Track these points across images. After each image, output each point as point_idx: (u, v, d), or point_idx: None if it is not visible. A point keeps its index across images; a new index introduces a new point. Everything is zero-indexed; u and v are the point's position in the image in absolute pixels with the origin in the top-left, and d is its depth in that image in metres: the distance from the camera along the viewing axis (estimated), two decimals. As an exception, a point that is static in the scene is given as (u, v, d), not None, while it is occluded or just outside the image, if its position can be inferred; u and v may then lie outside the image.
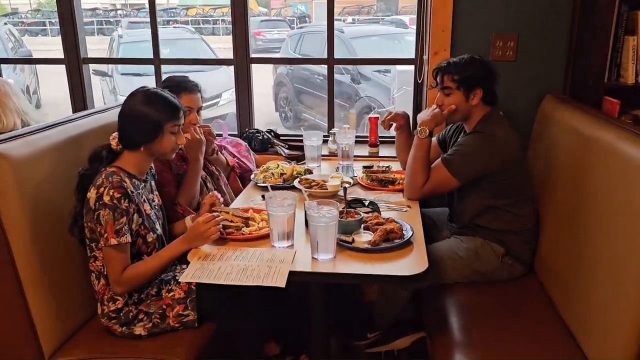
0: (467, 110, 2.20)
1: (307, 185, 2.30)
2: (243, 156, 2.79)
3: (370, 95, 6.37)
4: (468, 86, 2.16)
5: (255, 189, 2.40)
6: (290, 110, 7.81)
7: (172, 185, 2.22)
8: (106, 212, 1.66)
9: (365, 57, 6.35)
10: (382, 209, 2.10)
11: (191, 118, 2.25)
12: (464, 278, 2.20)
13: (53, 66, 3.38)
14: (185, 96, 2.24)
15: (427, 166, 2.16)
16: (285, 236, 1.77)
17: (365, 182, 2.39)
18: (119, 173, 1.74)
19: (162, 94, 1.80)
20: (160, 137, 1.77)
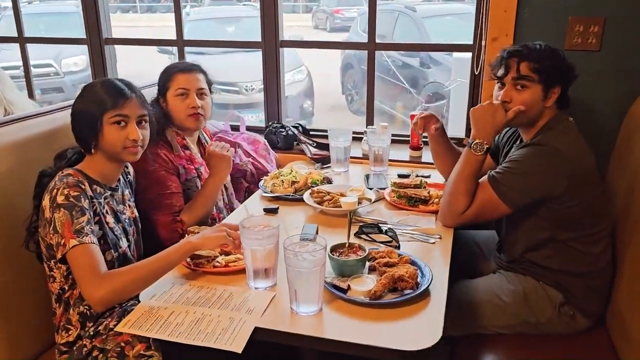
0: (538, 112, 1.69)
1: (319, 200, 1.90)
2: (260, 155, 2.42)
3: (439, 82, 5.79)
4: (549, 81, 1.65)
5: (262, 199, 2.03)
6: (356, 94, 7.40)
7: (174, 193, 1.88)
8: (61, 213, 1.41)
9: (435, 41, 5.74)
10: (404, 239, 1.66)
11: (188, 102, 1.92)
12: (508, 328, 1.72)
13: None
14: (180, 76, 1.95)
15: (474, 187, 1.68)
16: (263, 274, 1.39)
17: (391, 199, 1.95)
18: (77, 176, 1.50)
19: (98, 83, 1.57)
20: (102, 132, 1.52)
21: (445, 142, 2.04)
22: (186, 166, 1.94)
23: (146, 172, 1.85)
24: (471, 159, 1.70)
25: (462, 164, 1.72)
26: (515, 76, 1.67)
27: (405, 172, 2.27)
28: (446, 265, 1.52)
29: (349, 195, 1.91)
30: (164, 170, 1.86)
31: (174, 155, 1.92)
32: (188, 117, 1.94)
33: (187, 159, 1.96)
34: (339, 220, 1.82)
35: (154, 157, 1.86)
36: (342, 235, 1.61)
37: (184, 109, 1.93)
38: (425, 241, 1.66)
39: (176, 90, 1.94)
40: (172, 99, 1.94)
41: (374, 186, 2.08)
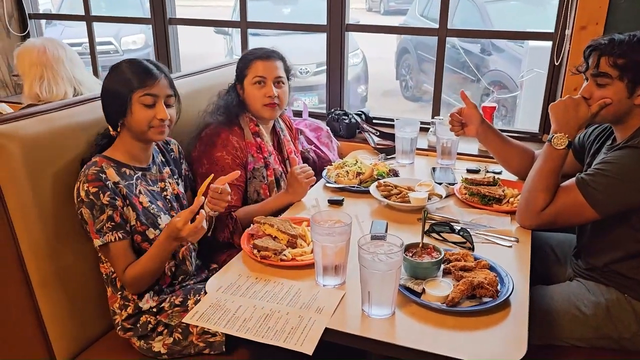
0: (626, 110, 1.55)
1: (386, 194, 1.82)
2: (323, 143, 2.36)
3: (502, 70, 5.54)
4: (636, 77, 1.51)
5: (325, 189, 1.97)
6: (411, 79, 7.22)
7: (233, 186, 1.80)
8: (85, 210, 1.46)
9: (499, 27, 5.49)
10: (478, 240, 1.57)
11: (265, 91, 1.87)
12: (585, 342, 1.60)
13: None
14: (258, 64, 1.89)
15: (555, 184, 1.57)
16: (333, 271, 1.33)
17: (462, 196, 1.85)
18: (101, 163, 1.50)
19: (129, 62, 1.55)
20: (130, 110, 1.50)
21: (496, 136, 1.91)
22: (255, 154, 1.90)
23: (212, 157, 1.81)
24: (552, 154, 1.58)
25: (542, 159, 1.61)
26: (593, 72, 1.55)
27: (474, 166, 2.16)
28: (526, 272, 1.42)
29: (418, 190, 1.82)
30: (230, 159, 1.82)
31: (245, 142, 1.87)
32: (264, 107, 1.88)
33: (257, 147, 1.91)
34: (407, 216, 1.74)
35: (224, 142, 1.83)
36: (411, 233, 1.53)
37: (260, 97, 1.88)
38: (502, 244, 1.56)
39: (253, 78, 1.88)
40: (249, 87, 1.89)
41: (442, 181, 1.98)
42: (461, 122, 1.93)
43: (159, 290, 1.58)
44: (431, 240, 1.58)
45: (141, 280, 1.51)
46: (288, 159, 2.03)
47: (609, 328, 1.58)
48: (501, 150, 1.94)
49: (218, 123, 1.85)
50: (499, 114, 3.15)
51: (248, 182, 1.87)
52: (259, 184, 1.89)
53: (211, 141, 1.82)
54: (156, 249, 1.49)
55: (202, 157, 1.82)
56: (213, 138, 1.83)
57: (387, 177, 1.97)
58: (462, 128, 1.94)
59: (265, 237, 1.52)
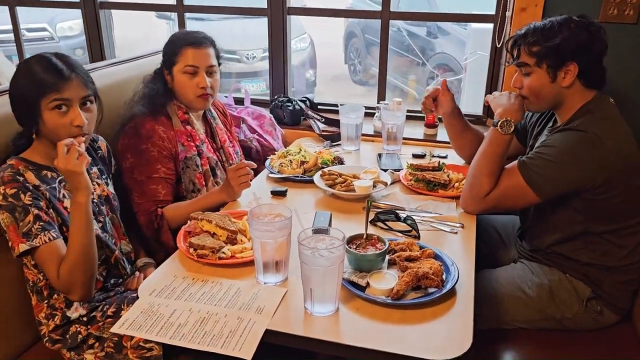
0: (556, 95, 1.55)
1: (330, 183, 1.76)
2: (266, 132, 2.28)
3: (447, 53, 5.57)
4: (554, 61, 1.50)
5: (269, 180, 1.89)
6: (359, 63, 7.19)
7: (162, 179, 1.72)
8: (4, 216, 1.31)
9: (443, 10, 5.50)
10: (423, 227, 1.54)
11: (197, 81, 1.76)
12: (529, 323, 1.61)
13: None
14: (189, 51, 1.76)
15: (499, 168, 1.56)
16: (273, 267, 1.27)
17: (408, 182, 1.81)
18: (18, 166, 1.36)
19: (36, 60, 1.36)
20: (41, 119, 1.34)
21: (460, 122, 1.91)
22: (185, 143, 1.79)
23: (137, 150, 1.70)
24: (497, 139, 1.57)
25: (487, 143, 1.60)
26: (516, 63, 1.58)
27: (420, 151, 2.13)
28: (471, 259, 1.40)
29: (363, 178, 1.77)
30: (157, 151, 1.71)
31: (173, 132, 1.76)
32: (197, 98, 1.78)
33: (188, 135, 1.80)
34: (352, 205, 1.69)
35: (149, 134, 1.71)
36: (357, 223, 1.49)
37: (192, 88, 1.76)
38: (447, 230, 1.53)
39: (185, 67, 1.76)
40: (179, 75, 1.77)
41: (388, 167, 1.94)
42: (432, 106, 1.91)
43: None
44: (376, 229, 1.54)
45: (79, 268, 1.33)
46: (222, 148, 1.93)
47: (552, 309, 1.59)
48: (460, 134, 1.93)
49: (142, 113, 1.73)
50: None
51: (182, 173, 1.77)
52: (194, 173, 1.79)
53: (136, 133, 1.71)
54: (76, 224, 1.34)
55: (127, 151, 1.70)
56: (137, 129, 1.71)
57: (332, 165, 1.92)
58: (435, 110, 1.92)
59: (203, 234, 1.44)
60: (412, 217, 1.55)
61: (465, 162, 2.00)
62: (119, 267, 1.55)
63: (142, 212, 1.68)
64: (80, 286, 1.36)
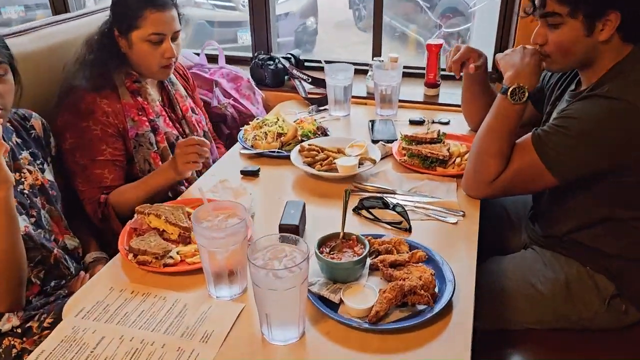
0: (587, 52, 1.25)
1: (310, 160, 1.50)
2: (243, 95, 2.01)
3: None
4: (592, 10, 1.19)
5: (242, 157, 1.64)
6: (364, 8, 6.77)
7: (108, 162, 1.47)
8: None
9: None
10: (417, 216, 1.29)
11: (164, 50, 1.48)
12: (541, 324, 1.38)
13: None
14: (153, 15, 1.47)
15: (509, 147, 1.29)
16: (226, 279, 1.04)
17: (401, 157, 1.55)
18: None
19: None
20: None
21: (483, 85, 1.61)
22: (136, 118, 1.52)
23: (77, 129, 1.44)
24: (507, 110, 1.29)
25: (494, 116, 1.32)
26: (541, 13, 1.24)
27: (419, 117, 1.85)
28: (472, 259, 1.15)
29: (349, 154, 1.51)
30: (100, 129, 1.45)
31: (119, 105, 1.49)
32: (161, 69, 1.51)
33: (139, 109, 1.53)
34: (334, 187, 1.44)
35: (90, 109, 1.45)
36: (339, 211, 1.24)
37: (156, 58, 1.49)
38: (445, 220, 1.28)
39: (149, 35, 1.47)
40: (140, 44, 1.48)
41: (380, 137, 1.68)
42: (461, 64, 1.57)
43: (26, 302, 1.26)
44: (360, 220, 1.29)
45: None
46: (184, 119, 1.67)
47: (568, 308, 1.35)
48: (477, 97, 1.63)
49: (83, 84, 1.46)
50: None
51: (134, 152, 1.51)
52: (148, 153, 1.53)
53: (75, 108, 1.44)
54: None
55: (66, 130, 1.45)
56: (77, 104, 1.45)
57: (314, 137, 1.65)
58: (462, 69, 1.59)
59: (151, 232, 1.20)
60: (403, 204, 1.30)
61: (472, 129, 1.73)
62: (61, 267, 1.33)
63: (88, 201, 1.45)
64: (5, 296, 1.16)
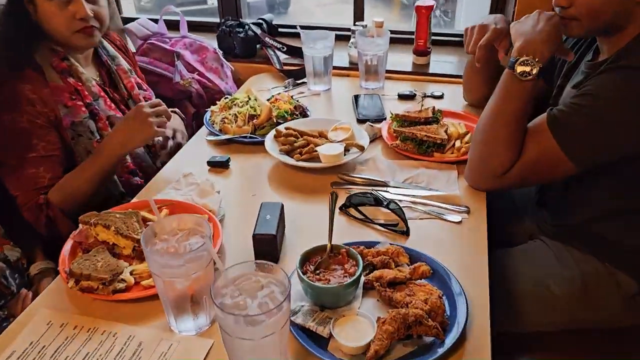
0: (617, 13, 1.05)
1: (287, 147, 1.30)
2: (209, 69, 1.77)
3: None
4: None
5: (209, 144, 1.42)
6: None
7: (42, 159, 1.22)
8: None
9: None
10: (415, 216, 1.10)
11: (73, 9, 1.21)
12: (556, 326, 1.23)
13: None
14: None
15: (521, 131, 1.10)
16: (189, 310, 0.84)
17: (392, 142, 1.35)
18: None
19: None
20: None
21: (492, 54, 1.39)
22: (69, 103, 1.26)
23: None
24: (516, 88, 1.10)
25: (500, 96, 1.13)
26: None
27: (408, 90, 1.65)
28: (482, 268, 0.98)
29: (332, 138, 1.32)
30: (27, 121, 1.20)
31: (47, 89, 1.23)
32: (75, 34, 1.24)
33: (71, 92, 1.27)
34: (317, 180, 1.24)
35: (11, 97, 1.19)
36: (324, 211, 1.05)
37: (65, 20, 1.21)
38: (447, 219, 1.10)
39: None
40: (44, 4, 1.21)
41: (366, 116, 1.48)
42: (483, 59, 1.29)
43: None
44: (349, 220, 1.11)
45: None
46: (131, 98, 1.42)
47: (586, 310, 1.20)
48: (484, 70, 1.35)
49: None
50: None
51: (73, 144, 1.27)
52: (90, 143, 1.28)
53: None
54: None
55: None
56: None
57: (292, 118, 1.44)
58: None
59: (98, 247, 0.99)
60: (398, 200, 1.11)
61: (469, 104, 1.54)
62: (-1, 284, 1.12)
63: (25, 207, 1.21)
64: None
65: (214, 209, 1.10)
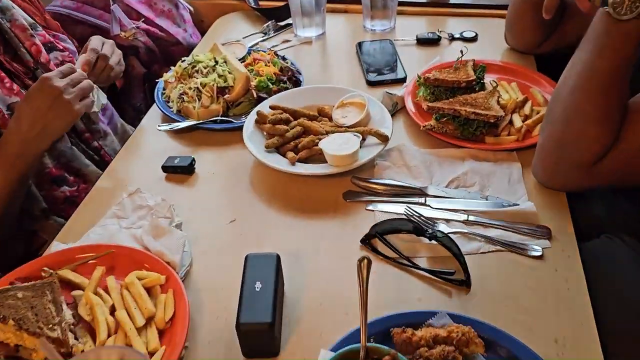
0: None
1: (276, 140, 0.90)
2: (161, 13, 1.32)
3: None
4: None
5: (165, 136, 1.01)
6: None
7: None
8: None
9: None
10: (472, 250, 0.74)
11: None
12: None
13: None
14: None
15: (619, 107, 0.74)
16: None
17: (423, 122, 0.95)
18: None
19: None
20: None
21: None
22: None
23: None
24: (612, 37, 0.71)
25: (591, 49, 0.75)
26: None
27: (429, 32, 1.23)
28: (593, 344, 0.64)
29: (339, 122, 0.92)
30: None
31: None
32: None
33: None
34: (322, 187, 0.86)
35: None
36: (333, 237, 0.70)
37: None
38: (521, 250, 0.74)
39: None
40: None
41: (379, 77, 1.08)
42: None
43: None
44: (376, 260, 0.74)
45: None
46: (39, 67, 0.98)
47: None
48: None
49: None
50: None
51: None
52: None
53: None
54: None
55: None
56: None
57: (278, 88, 1.03)
58: None
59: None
60: (443, 232, 0.75)
61: (513, 46, 1.14)
62: None
63: None
64: None
65: (173, 260, 0.73)
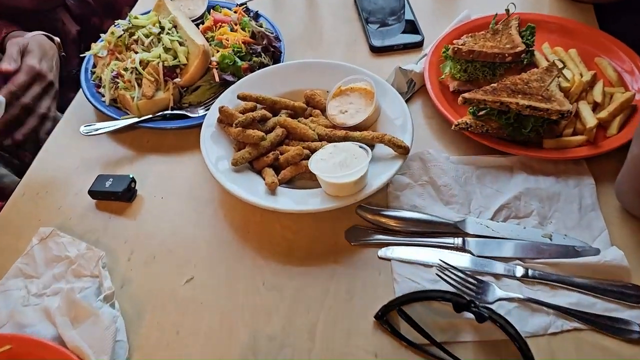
0: None
1: (249, 152, 0.63)
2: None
3: None
4: None
5: (91, 141, 0.72)
6: None
7: None
8: None
9: None
10: (536, 329, 0.50)
11: None
12: None
13: None
14: None
15: None
16: None
17: (457, 120, 0.67)
18: None
19: None
20: None
21: None
22: None
23: None
24: None
25: None
26: None
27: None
28: None
29: (336, 119, 0.65)
30: None
31: None
32: None
33: None
34: (318, 222, 0.60)
35: None
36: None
37: None
38: (612, 331, 0.50)
39: None
40: None
41: (383, 42, 0.80)
42: None
43: None
44: (394, 346, 0.50)
45: None
46: None
47: None
48: None
49: None
50: None
51: None
52: None
53: None
54: None
55: None
56: None
57: (250, 65, 0.74)
58: None
59: None
60: (488, 308, 0.50)
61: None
62: None
63: None
64: None
65: (99, 363, 0.48)
